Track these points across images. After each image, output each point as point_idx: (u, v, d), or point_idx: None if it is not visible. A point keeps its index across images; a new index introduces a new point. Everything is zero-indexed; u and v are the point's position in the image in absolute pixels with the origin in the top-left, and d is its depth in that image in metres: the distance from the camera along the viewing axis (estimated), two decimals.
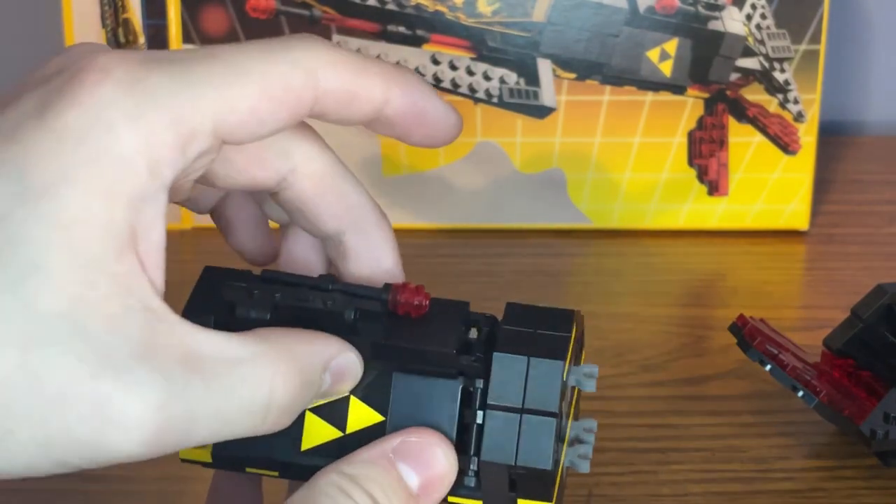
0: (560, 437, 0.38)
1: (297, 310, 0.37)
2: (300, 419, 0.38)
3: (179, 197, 0.38)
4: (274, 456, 0.39)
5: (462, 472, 0.38)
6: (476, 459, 0.37)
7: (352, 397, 0.38)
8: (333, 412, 0.38)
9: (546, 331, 0.38)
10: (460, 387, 0.38)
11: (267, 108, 0.34)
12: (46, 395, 0.30)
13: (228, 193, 0.41)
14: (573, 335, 0.38)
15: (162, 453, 0.32)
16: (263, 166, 0.37)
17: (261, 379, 0.34)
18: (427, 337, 0.37)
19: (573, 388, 0.40)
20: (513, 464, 0.37)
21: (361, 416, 0.38)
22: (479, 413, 0.38)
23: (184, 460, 0.40)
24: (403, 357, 0.37)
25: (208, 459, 0.40)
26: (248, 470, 0.40)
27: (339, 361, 0.36)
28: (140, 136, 0.32)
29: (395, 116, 0.37)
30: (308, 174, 0.38)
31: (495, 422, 0.37)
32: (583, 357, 0.41)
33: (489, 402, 0.37)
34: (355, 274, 0.39)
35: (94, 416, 0.31)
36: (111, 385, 0.31)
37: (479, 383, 0.38)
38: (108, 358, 0.31)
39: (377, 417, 0.38)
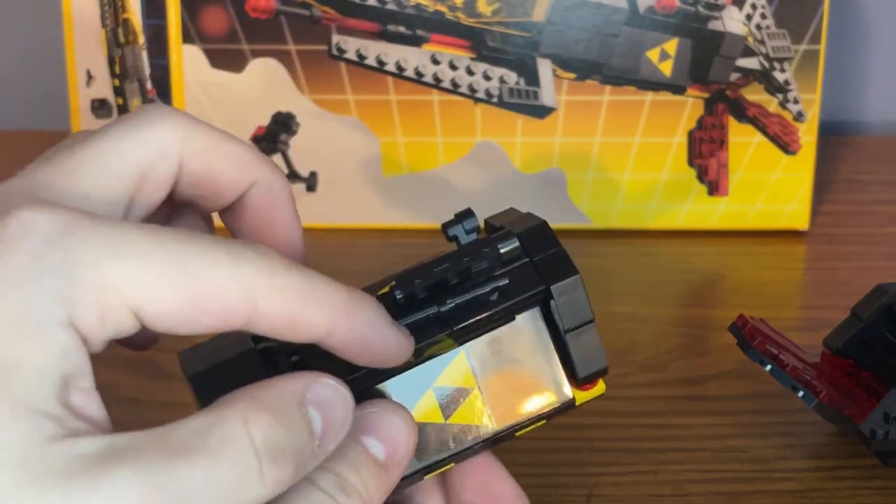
0: None
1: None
2: (417, 395, 0.38)
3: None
4: None
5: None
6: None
7: (475, 391, 0.39)
8: (450, 401, 0.38)
9: (542, 254, 0.40)
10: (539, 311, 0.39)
11: (190, 314, 0.32)
12: None
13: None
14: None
15: None
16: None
17: (235, 432, 0.31)
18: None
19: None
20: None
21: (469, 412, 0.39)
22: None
23: None
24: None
25: None
26: None
27: (315, 391, 0.34)
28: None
29: (337, 345, 0.34)
30: (193, 153, 0.36)
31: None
32: None
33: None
34: (254, 229, 0.38)
35: None
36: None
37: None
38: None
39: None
